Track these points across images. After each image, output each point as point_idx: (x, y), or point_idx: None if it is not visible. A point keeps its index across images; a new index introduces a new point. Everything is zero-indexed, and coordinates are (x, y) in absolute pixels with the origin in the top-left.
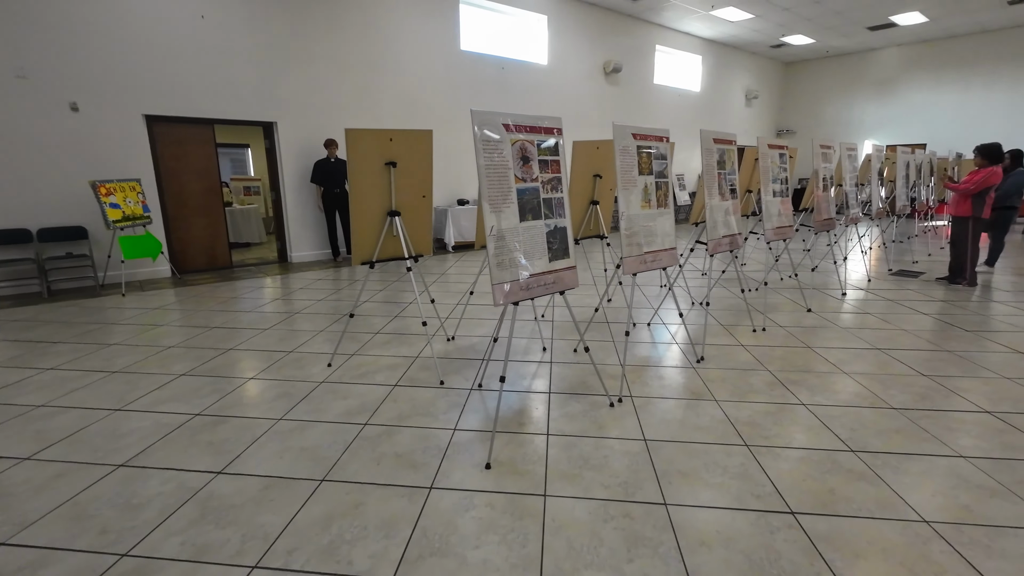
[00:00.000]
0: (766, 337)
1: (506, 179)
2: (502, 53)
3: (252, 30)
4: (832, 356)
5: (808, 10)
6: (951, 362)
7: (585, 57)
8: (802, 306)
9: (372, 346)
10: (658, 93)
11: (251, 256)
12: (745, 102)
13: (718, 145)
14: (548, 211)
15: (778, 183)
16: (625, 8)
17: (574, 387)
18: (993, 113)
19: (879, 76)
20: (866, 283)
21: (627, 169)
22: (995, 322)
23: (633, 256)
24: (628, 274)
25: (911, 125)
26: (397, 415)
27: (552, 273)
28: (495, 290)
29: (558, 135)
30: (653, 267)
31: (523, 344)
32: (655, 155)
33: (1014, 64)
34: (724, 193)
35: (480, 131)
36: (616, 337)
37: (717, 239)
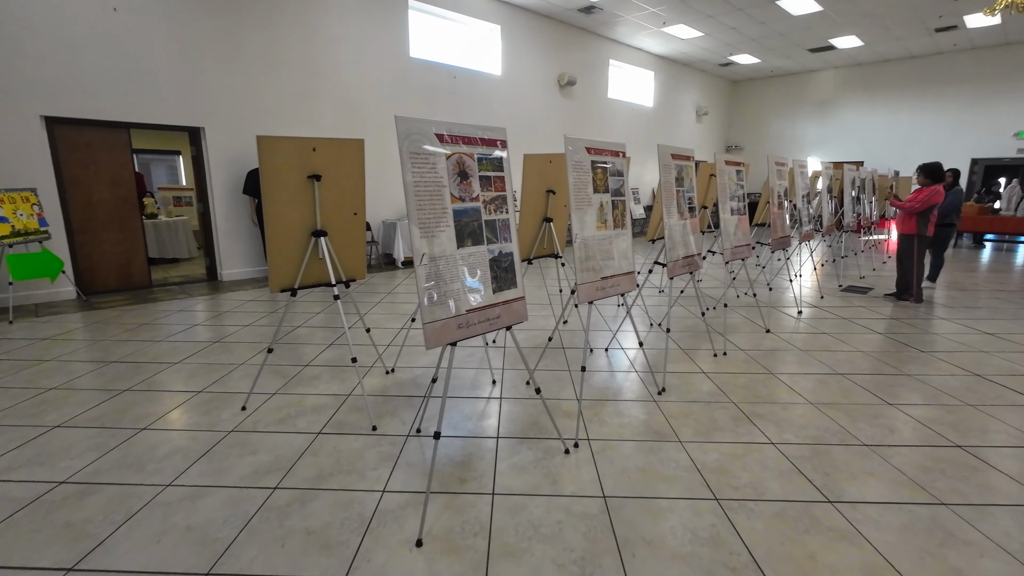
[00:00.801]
0: (727, 362)
1: (440, 198)
2: (454, 62)
3: (173, 24)
4: (795, 383)
5: (754, 30)
6: (912, 388)
7: (539, 69)
8: (760, 326)
9: (298, 382)
10: (612, 107)
11: (176, 274)
12: (696, 118)
13: (676, 161)
14: (491, 235)
15: (735, 200)
16: (579, 22)
17: (526, 429)
18: (920, 133)
19: (818, 97)
20: (819, 299)
21: (581, 186)
22: (946, 341)
23: (589, 283)
24: (583, 302)
25: (848, 143)
26: (316, 474)
27: (497, 306)
28: (427, 331)
29: (502, 148)
30: (611, 294)
31: (470, 377)
32: (611, 171)
33: (938, 88)
34: (683, 211)
35: (407, 142)
36: (572, 365)
37: (676, 260)
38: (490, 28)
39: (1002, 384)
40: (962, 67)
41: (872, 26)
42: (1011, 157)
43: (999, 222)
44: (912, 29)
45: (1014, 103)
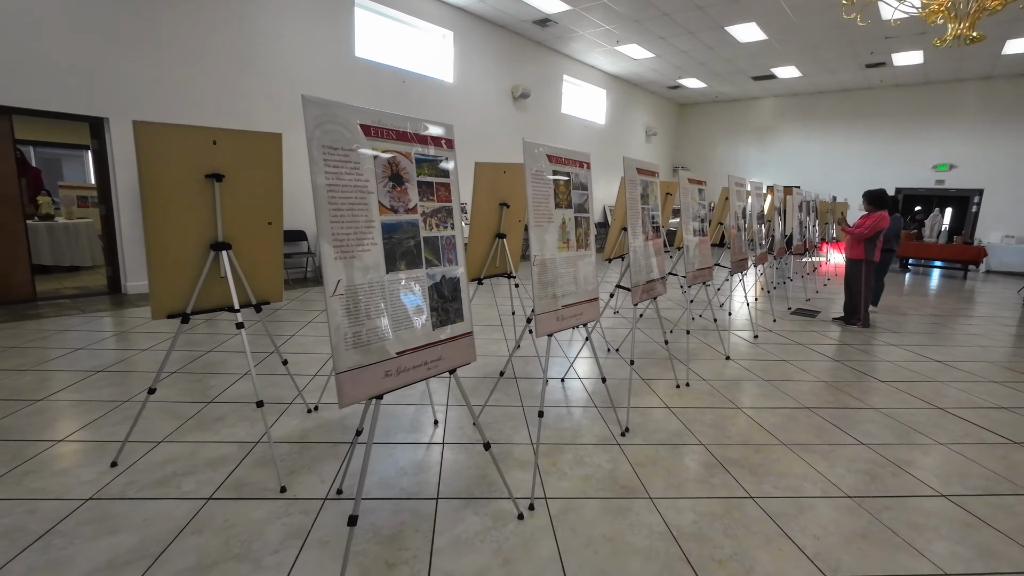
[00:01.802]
0: (691, 395)
1: (365, 208)
2: (404, 65)
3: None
4: (764, 420)
5: (702, 55)
6: (882, 424)
7: (493, 79)
8: (720, 352)
9: (195, 426)
10: (565, 122)
11: (71, 285)
12: (645, 138)
13: (642, 176)
14: (432, 255)
15: (697, 221)
16: (534, 35)
17: (472, 486)
18: (852, 162)
19: (759, 123)
20: (772, 322)
21: (541, 200)
22: (902, 370)
23: (548, 312)
24: (542, 336)
25: (786, 169)
26: (194, 563)
27: (439, 346)
28: (342, 383)
29: (448, 148)
30: (572, 324)
31: (408, 416)
32: (574, 183)
33: (867, 121)
34: (647, 232)
35: (319, 132)
36: (526, 399)
37: (641, 286)
38: (443, 34)
39: (966, 419)
40: (888, 102)
41: (811, 58)
42: (927, 188)
43: (924, 248)
44: (846, 63)
45: (933, 137)
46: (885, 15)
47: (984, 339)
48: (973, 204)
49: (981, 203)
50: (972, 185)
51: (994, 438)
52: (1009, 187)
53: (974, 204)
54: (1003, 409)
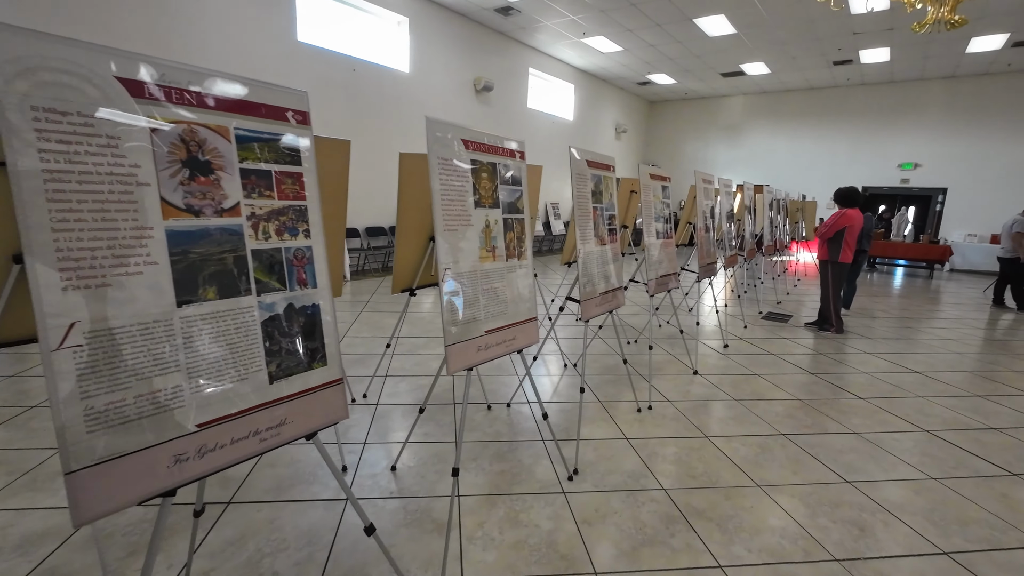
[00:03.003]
0: (653, 421)
1: (129, 208)
2: (354, 53)
3: None
4: (735, 452)
5: (671, 49)
6: (866, 454)
7: (454, 70)
8: (687, 366)
9: (23, 486)
10: (532, 117)
11: None
12: (615, 135)
13: (593, 170)
14: (270, 275)
15: (661, 221)
16: (497, 24)
17: (371, 564)
18: (819, 160)
19: (728, 121)
20: (743, 329)
21: (453, 197)
22: (881, 384)
23: (465, 341)
24: (455, 372)
25: (755, 167)
26: None
27: (278, 404)
28: (73, 488)
29: (298, 121)
30: (500, 353)
31: (313, 461)
32: (503, 178)
33: (834, 119)
34: (601, 235)
35: (24, 82)
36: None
37: (593, 299)
38: (397, 20)
39: (955, 444)
40: (855, 101)
41: (779, 54)
42: (891, 186)
43: (891, 247)
44: (814, 60)
45: (898, 136)
46: (855, 8)
47: (959, 344)
48: (936, 203)
49: (945, 202)
50: (936, 184)
51: (989, 468)
52: (972, 186)
53: (937, 203)
54: (993, 431)
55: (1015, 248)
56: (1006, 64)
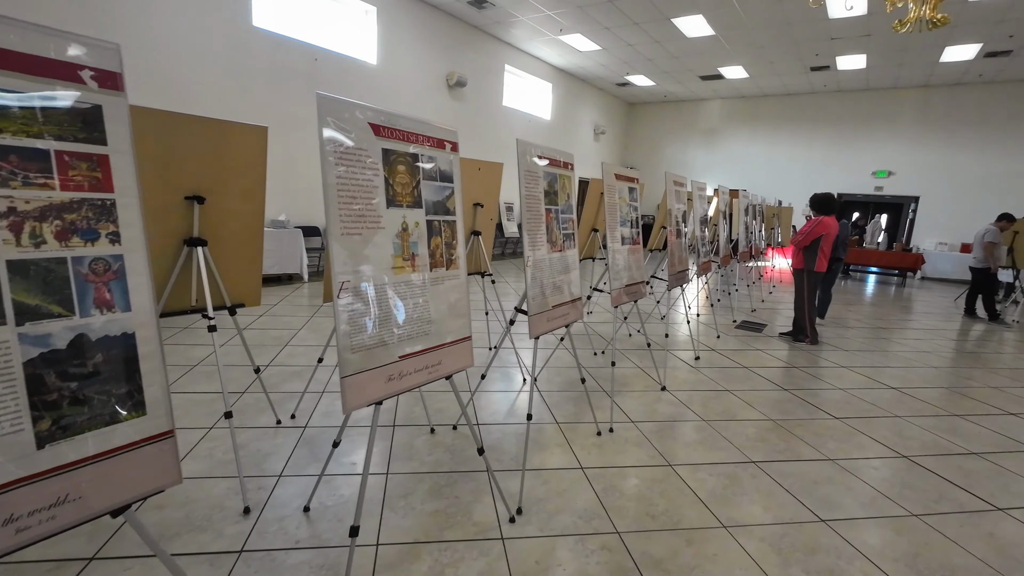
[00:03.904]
0: (614, 446)
1: None
2: (316, 41)
3: None
4: (703, 485)
5: (649, 50)
6: (844, 485)
7: (425, 64)
8: (655, 380)
9: None
10: (507, 115)
11: None
12: (594, 136)
13: (547, 167)
14: (42, 295)
15: (627, 226)
16: (471, 18)
17: None
18: (795, 166)
19: (706, 125)
20: (715, 339)
21: (356, 192)
22: (858, 402)
23: (368, 370)
24: (354, 409)
25: (732, 172)
26: None
27: (51, 477)
28: None
29: (101, 83)
30: (421, 381)
31: (212, 498)
32: (428, 172)
33: (811, 126)
34: (556, 240)
35: None
36: (400, 460)
37: (544, 313)
38: (364, 9)
39: (936, 473)
40: (830, 107)
41: (757, 58)
42: (864, 194)
43: (864, 254)
44: (791, 65)
45: (873, 144)
46: (833, 12)
47: (934, 357)
48: (909, 211)
49: (917, 210)
50: (908, 192)
51: (973, 501)
52: (943, 195)
53: (910, 211)
54: (973, 456)
55: (987, 258)
56: (977, 75)
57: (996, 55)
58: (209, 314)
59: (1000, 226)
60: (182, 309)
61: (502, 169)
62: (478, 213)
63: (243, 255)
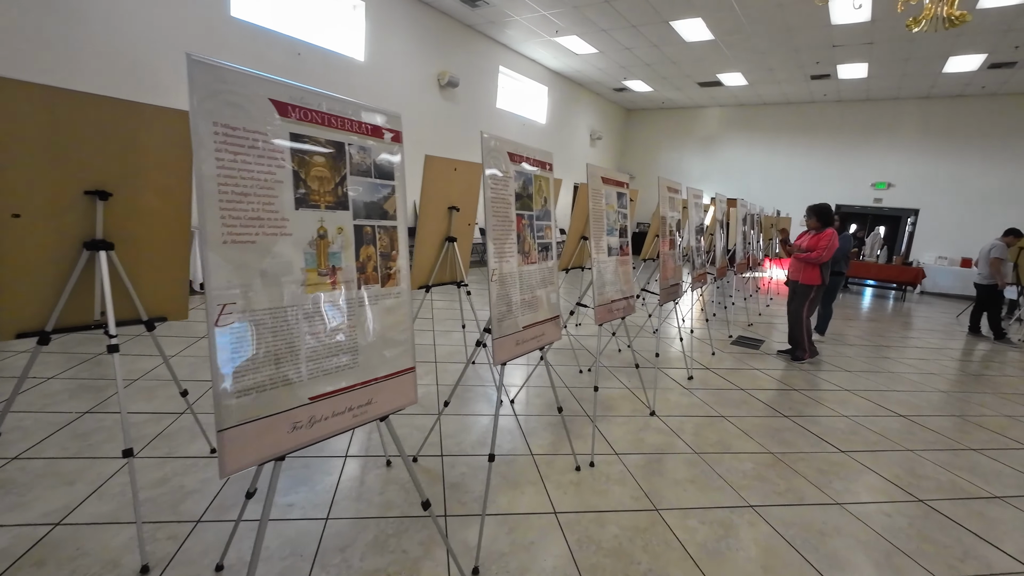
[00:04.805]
0: (594, 484)
1: None
2: (300, 35)
3: None
4: (692, 535)
5: (647, 54)
6: (852, 537)
7: (415, 62)
8: (644, 404)
9: None
10: (501, 117)
11: None
12: (590, 142)
13: (519, 166)
14: None
15: (615, 235)
16: (464, 16)
17: None
18: (793, 176)
19: (704, 132)
20: (710, 355)
21: (248, 187)
22: (865, 431)
23: (263, 418)
24: (234, 472)
25: (729, 180)
26: None
27: None
28: None
29: None
30: (334, 429)
31: (115, 548)
32: (358, 165)
33: (810, 136)
34: (529, 251)
35: None
36: (344, 504)
37: (512, 335)
38: (352, 3)
39: (960, 524)
40: (830, 117)
41: (757, 64)
42: (862, 205)
43: (864, 268)
44: (791, 73)
45: (872, 155)
46: (836, 18)
47: (941, 380)
48: (908, 224)
49: (917, 223)
50: (908, 205)
51: (1003, 561)
52: (944, 208)
53: (909, 224)
54: (996, 501)
55: (992, 274)
56: (980, 87)
57: (1000, 66)
58: (110, 331)
59: (1007, 241)
60: (84, 324)
61: (481, 170)
62: (454, 217)
63: (163, 261)
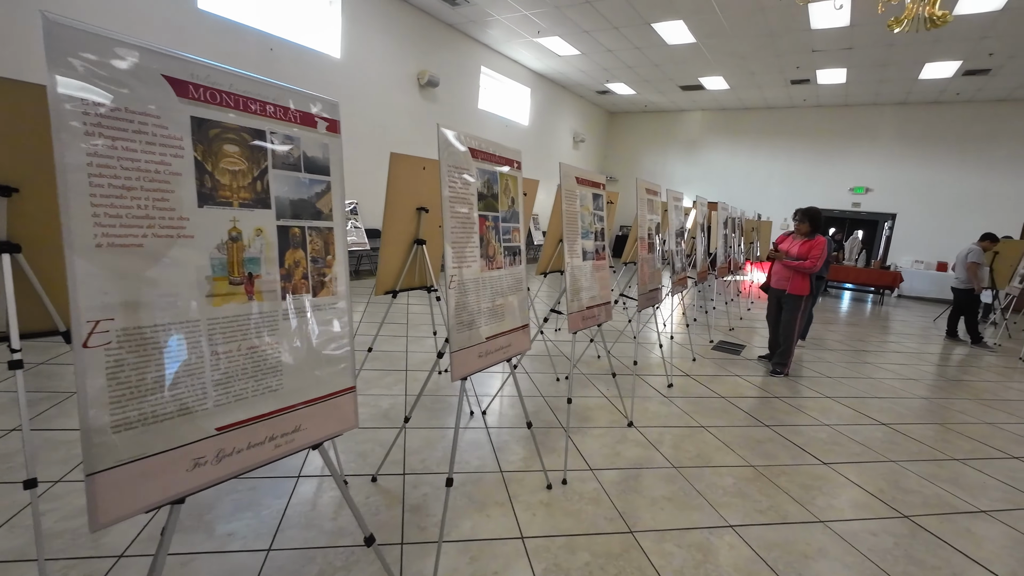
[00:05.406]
0: (566, 504)
1: None
2: (273, 30)
3: None
4: (669, 563)
5: (629, 56)
6: (837, 560)
7: (394, 60)
8: (621, 414)
9: None
10: (483, 119)
11: None
12: (573, 144)
13: (481, 164)
14: None
15: (590, 238)
16: (445, 15)
17: None
18: (775, 180)
19: (687, 136)
20: (691, 362)
21: (133, 179)
22: (846, 441)
23: (154, 455)
24: (109, 524)
25: (712, 184)
26: None
27: None
28: None
29: None
30: (255, 461)
31: None
32: (283, 158)
33: (791, 140)
34: (494, 255)
35: None
36: (283, 535)
37: (474, 347)
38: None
39: (948, 543)
40: (810, 122)
41: (738, 69)
42: (841, 209)
43: (843, 271)
44: (772, 78)
45: (851, 160)
46: (816, 23)
47: (922, 387)
48: (886, 228)
49: (894, 227)
50: (886, 209)
51: None
52: (920, 213)
53: (887, 228)
54: (984, 516)
55: (970, 278)
56: (955, 93)
57: (975, 73)
58: (13, 345)
59: (983, 246)
60: None
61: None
62: (423, 219)
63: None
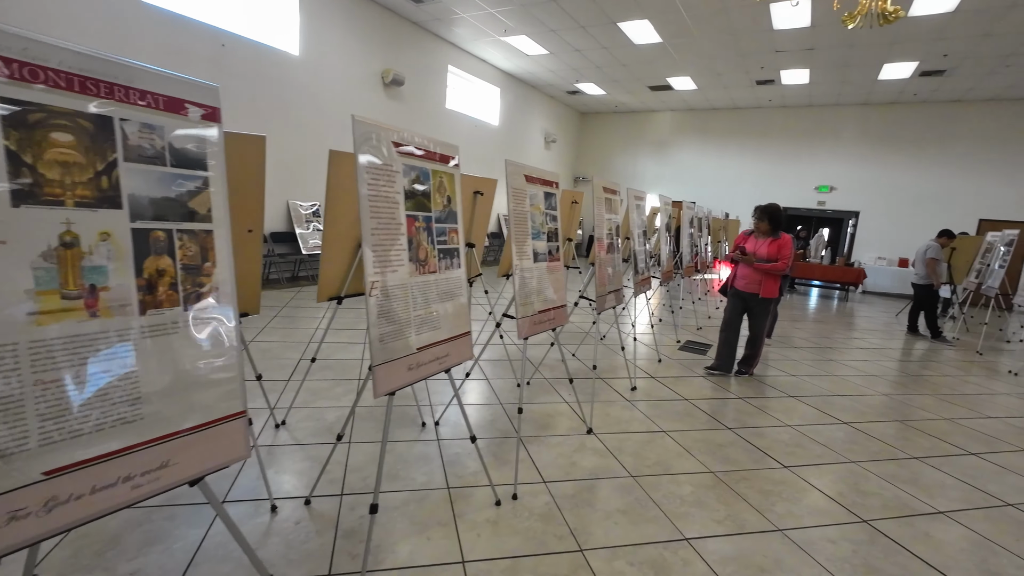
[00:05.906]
0: (514, 521)
1: None
2: (225, 25)
3: None
4: None
5: (597, 56)
6: (794, 571)
7: (356, 57)
8: (581, 419)
9: None
10: (451, 118)
11: None
12: (544, 145)
13: (409, 161)
14: None
15: (542, 239)
16: (409, 13)
17: None
18: (744, 180)
19: (657, 137)
20: (656, 363)
21: None
22: (808, 443)
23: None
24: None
25: (682, 184)
26: None
27: None
28: None
29: None
30: (115, 503)
31: None
32: (139, 149)
33: (758, 140)
34: (426, 258)
35: None
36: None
37: (401, 360)
38: None
39: (907, 548)
40: (776, 122)
41: (705, 69)
42: (807, 208)
43: (809, 268)
44: (738, 78)
45: (816, 159)
46: (777, 23)
47: (884, 383)
48: (849, 226)
49: (857, 224)
50: (849, 207)
51: None
52: (882, 211)
53: (850, 226)
54: (942, 517)
55: (928, 274)
56: (913, 94)
57: (931, 74)
58: None
59: (941, 242)
60: None
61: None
62: None
63: None
